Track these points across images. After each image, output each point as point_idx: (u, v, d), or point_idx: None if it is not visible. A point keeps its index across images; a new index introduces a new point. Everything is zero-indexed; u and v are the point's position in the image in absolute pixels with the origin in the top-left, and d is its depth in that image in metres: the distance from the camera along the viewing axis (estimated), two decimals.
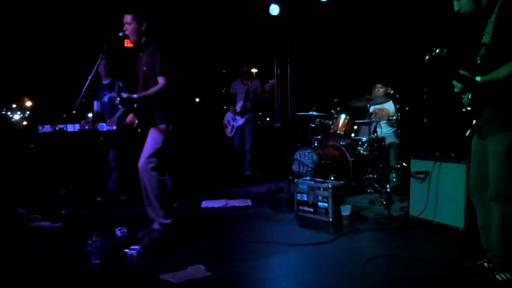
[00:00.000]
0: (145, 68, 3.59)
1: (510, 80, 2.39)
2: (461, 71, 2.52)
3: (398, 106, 5.36)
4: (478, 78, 2.49)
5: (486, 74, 2.48)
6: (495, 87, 2.47)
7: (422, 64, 2.62)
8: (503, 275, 2.53)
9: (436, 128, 4.96)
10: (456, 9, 2.62)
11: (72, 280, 2.86)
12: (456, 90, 2.66)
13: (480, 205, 2.72)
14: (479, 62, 2.58)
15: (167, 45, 3.59)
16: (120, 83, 5.08)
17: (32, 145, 6.05)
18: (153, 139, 3.56)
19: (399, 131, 5.57)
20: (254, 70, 8.96)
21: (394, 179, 5.15)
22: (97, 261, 3.07)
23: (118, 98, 3.37)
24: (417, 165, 4.01)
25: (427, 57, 2.61)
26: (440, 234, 3.63)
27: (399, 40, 5.99)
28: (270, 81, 6.51)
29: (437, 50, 2.55)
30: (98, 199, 5.01)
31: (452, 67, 2.54)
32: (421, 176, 3.92)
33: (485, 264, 2.72)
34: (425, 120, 4.64)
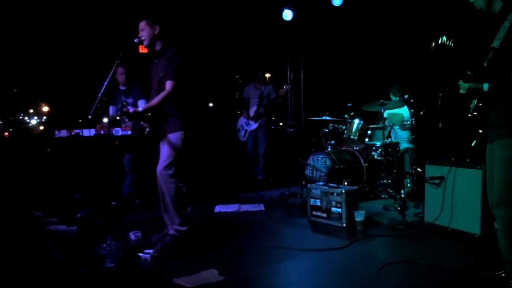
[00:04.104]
0: (161, 74, 3.57)
1: None
2: (469, 73, 2.49)
3: (412, 111, 5.31)
4: (485, 87, 2.48)
5: (492, 78, 2.46)
6: (502, 93, 2.45)
7: (428, 52, 2.61)
8: None
9: (451, 133, 4.90)
10: (470, 0, 2.62)
11: (87, 283, 2.89)
12: (461, 91, 2.64)
13: None
14: (485, 65, 2.56)
15: (186, 52, 3.60)
16: (124, 97, 5.13)
17: (48, 150, 6.13)
18: (170, 146, 3.55)
19: (414, 136, 5.52)
20: (267, 75, 8.98)
21: (409, 185, 5.10)
22: (112, 265, 3.10)
23: (125, 117, 3.41)
24: (432, 170, 3.96)
25: (433, 44, 2.59)
26: (455, 241, 3.58)
27: (413, 44, 5.95)
28: (285, 86, 6.48)
29: (444, 38, 2.53)
30: (113, 203, 5.06)
31: (458, 58, 2.52)
32: (436, 181, 3.88)
33: (503, 274, 2.67)
34: (440, 125, 4.59)
